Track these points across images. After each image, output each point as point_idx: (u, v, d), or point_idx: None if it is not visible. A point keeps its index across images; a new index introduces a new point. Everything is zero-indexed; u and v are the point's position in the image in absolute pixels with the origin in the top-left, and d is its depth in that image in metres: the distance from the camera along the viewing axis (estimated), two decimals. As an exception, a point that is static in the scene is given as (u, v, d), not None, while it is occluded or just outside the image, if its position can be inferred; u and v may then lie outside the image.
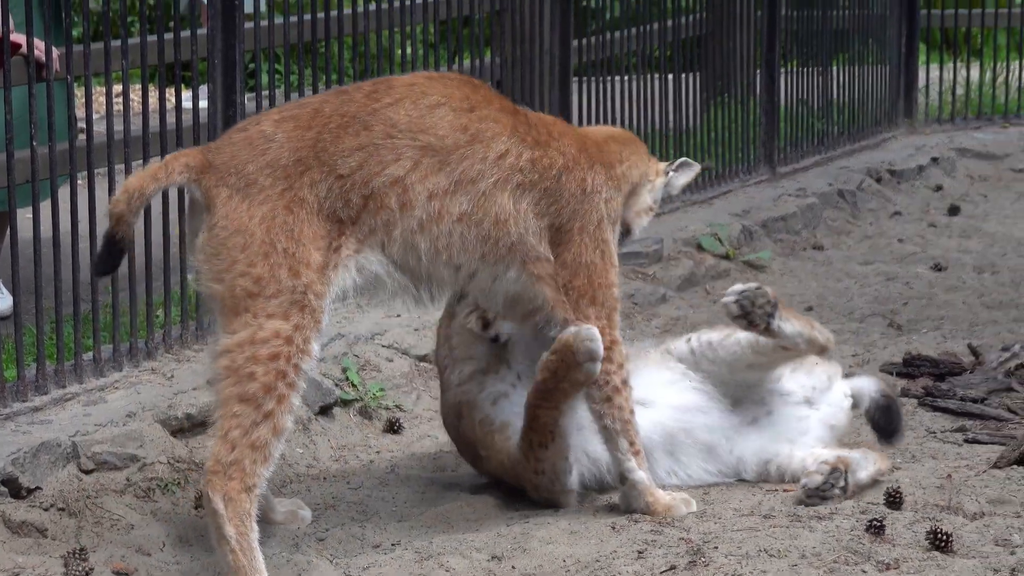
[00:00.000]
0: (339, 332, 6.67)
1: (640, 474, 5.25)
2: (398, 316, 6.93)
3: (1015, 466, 5.72)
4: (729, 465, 5.60)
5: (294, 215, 4.77)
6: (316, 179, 4.80)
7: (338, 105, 4.92)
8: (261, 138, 4.82)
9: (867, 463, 5.47)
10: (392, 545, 5.12)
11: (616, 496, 5.40)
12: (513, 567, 4.85)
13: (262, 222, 4.74)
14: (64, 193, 5.98)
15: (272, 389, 4.68)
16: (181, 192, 5.66)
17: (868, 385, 5.76)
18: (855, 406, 5.73)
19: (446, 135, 4.96)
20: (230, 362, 4.70)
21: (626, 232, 5.44)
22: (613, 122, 9.00)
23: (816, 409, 5.63)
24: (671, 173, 5.54)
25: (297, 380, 4.74)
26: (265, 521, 4.99)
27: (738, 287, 5.39)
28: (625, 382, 5.22)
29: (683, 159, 5.62)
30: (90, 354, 6.07)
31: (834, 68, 11.28)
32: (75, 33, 6.04)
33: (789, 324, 5.41)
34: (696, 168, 5.63)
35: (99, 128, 6.71)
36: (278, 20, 6.99)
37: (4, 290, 6.77)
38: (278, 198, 4.76)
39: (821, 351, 5.58)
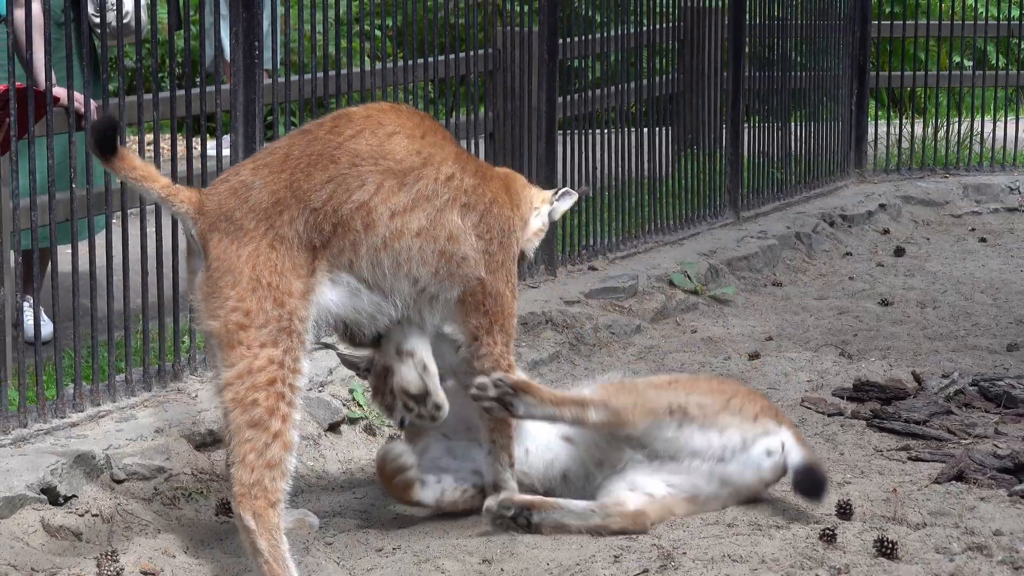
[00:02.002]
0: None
1: (513, 484, 5.29)
2: (399, 343, 6.92)
3: (954, 482, 5.72)
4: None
5: (276, 251, 4.78)
6: (294, 215, 4.81)
7: (305, 146, 4.92)
8: (242, 187, 4.84)
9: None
10: (393, 549, 5.12)
11: None
12: (502, 569, 4.85)
13: (248, 260, 4.76)
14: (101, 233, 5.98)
15: (275, 411, 4.69)
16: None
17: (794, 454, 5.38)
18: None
19: (403, 159, 4.97)
20: (234, 394, 4.71)
21: (522, 258, 5.43)
22: (594, 170, 9.02)
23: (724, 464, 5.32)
24: (555, 202, 5.53)
25: (295, 398, 4.75)
26: None
27: (494, 377, 5.20)
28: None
29: (565, 189, 5.62)
30: (122, 375, 6.07)
31: (792, 123, 11.30)
32: (111, 87, 6.05)
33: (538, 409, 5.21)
34: (575, 196, 5.63)
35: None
36: (293, 77, 7.01)
37: (46, 317, 6.77)
38: (261, 238, 4.78)
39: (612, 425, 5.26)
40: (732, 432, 5.28)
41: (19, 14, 5.77)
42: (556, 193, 5.57)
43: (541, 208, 5.48)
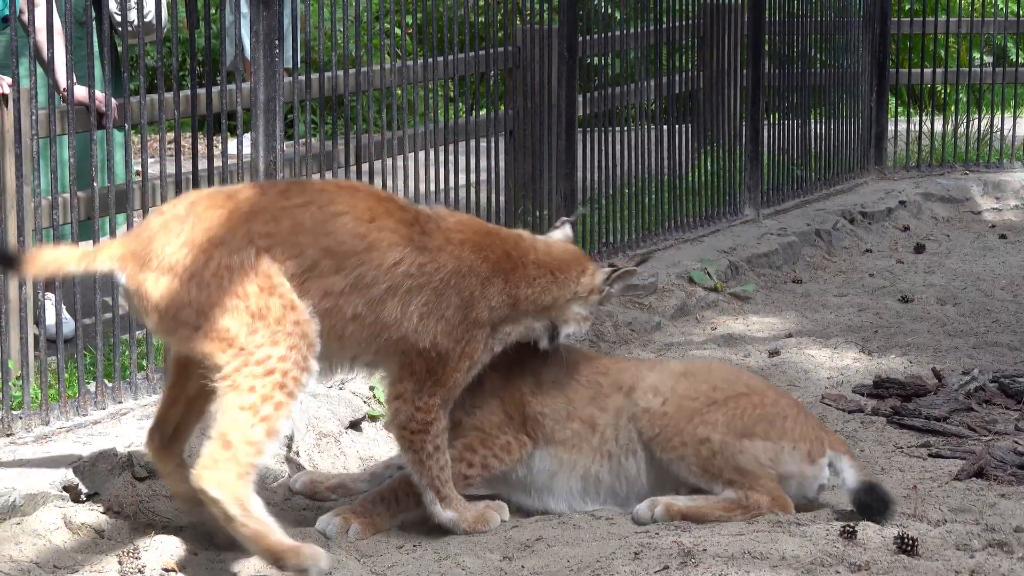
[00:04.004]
0: (367, 355, 6.66)
1: (445, 515, 5.19)
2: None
3: (974, 479, 5.71)
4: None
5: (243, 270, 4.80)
6: (232, 249, 4.81)
7: (251, 195, 4.91)
8: (175, 221, 4.82)
9: None
10: (413, 546, 5.11)
11: (608, 508, 5.39)
12: (522, 566, 4.84)
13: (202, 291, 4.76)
14: (122, 230, 5.99)
15: (270, 399, 4.70)
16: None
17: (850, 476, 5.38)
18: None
19: (344, 241, 4.93)
20: (231, 382, 4.71)
21: (552, 334, 5.30)
22: (613, 168, 9.00)
23: None
24: (606, 290, 5.36)
25: (295, 389, 4.78)
26: None
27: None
28: (438, 448, 5.14)
29: (623, 269, 5.42)
30: (143, 373, 6.08)
31: (812, 120, 11.28)
32: (132, 86, 6.05)
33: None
34: (634, 273, 5.47)
35: (153, 171, 6.72)
36: (314, 75, 7.01)
37: (68, 315, 6.78)
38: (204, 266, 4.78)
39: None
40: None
41: (38, 14, 5.78)
42: (610, 278, 5.37)
43: (589, 298, 5.32)
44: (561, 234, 5.49)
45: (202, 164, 6.41)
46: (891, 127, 12.70)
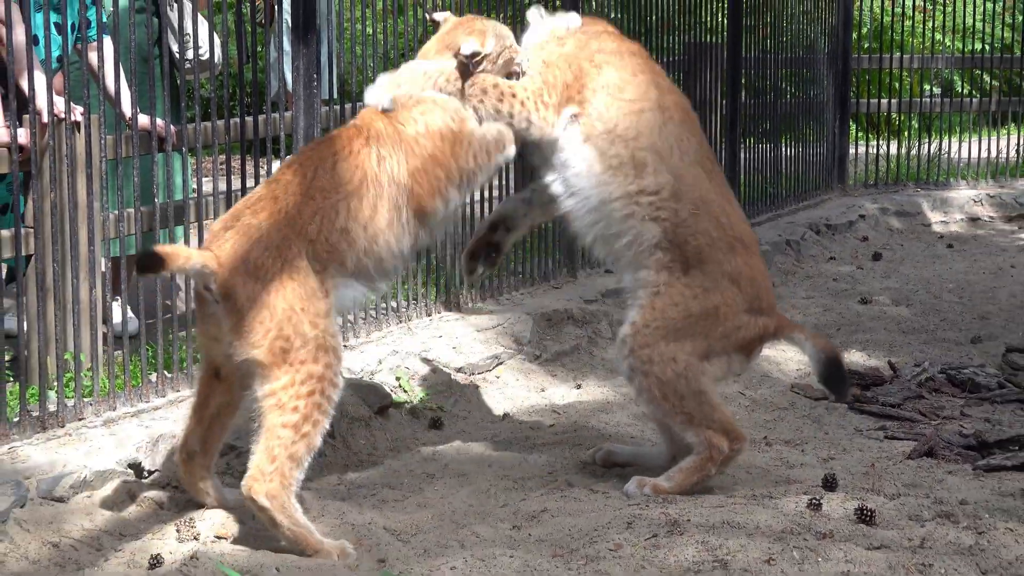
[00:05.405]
0: (393, 349, 6.65)
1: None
2: (440, 336, 6.92)
3: (925, 458, 5.69)
4: None
5: (295, 280, 4.73)
6: (300, 248, 4.76)
7: (284, 187, 4.83)
8: (251, 229, 4.76)
9: None
10: (433, 516, 5.10)
11: (604, 484, 5.37)
12: (529, 534, 4.83)
13: (277, 294, 4.70)
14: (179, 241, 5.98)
15: (309, 418, 4.67)
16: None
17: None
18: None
19: (351, 179, 4.89)
20: (276, 400, 4.66)
21: None
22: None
23: None
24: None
25: (329, 408, 4.73)
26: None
27: None
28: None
29: None
30: (198, 365, 6.06)
31: (783, 144, 11.27)
32: (189, 114, 6.05)
33: None
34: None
35: (207, 189, 6.72)
36: (347, 105, 7.00)
37: (132, 315, 6.78)
38: (280, 272, 4.71)
39: None
40: None
41: (94, 56, 5.77)
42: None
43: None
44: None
45: (250, 183, 6.40)
46: (852, 150, 12.70)
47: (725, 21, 10.46)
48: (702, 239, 5.22)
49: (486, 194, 7.79)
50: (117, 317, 6.31)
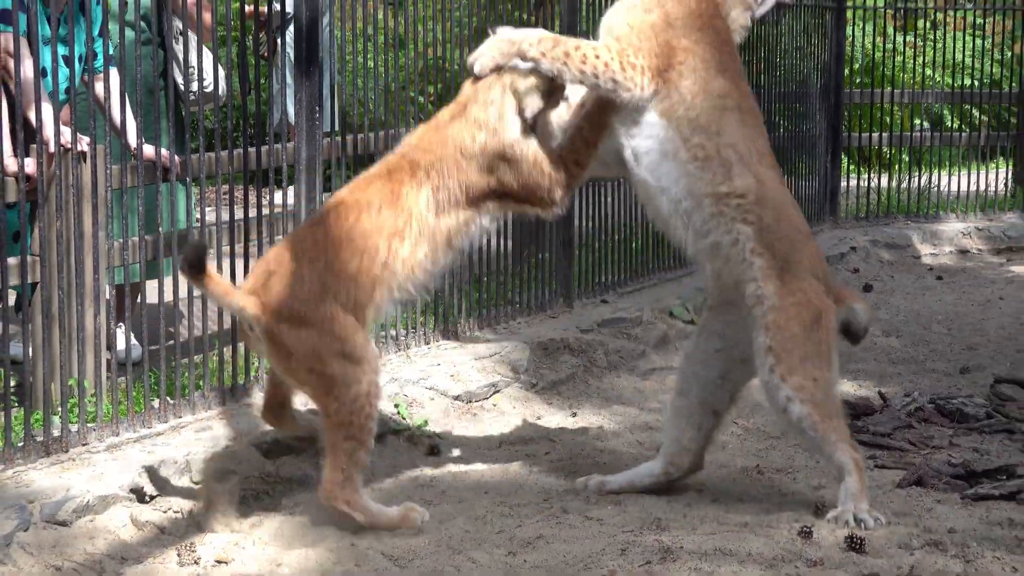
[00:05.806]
0: (392, 377, 6.68)
1: None
2: (438, 365, 6.95)
3: (914, 487, 5.71)
4: None
5: (338, 320, 5.01)
6: (340, 288, 5.04)
7: (324, 233, 5.07)
8: (293, 278, 5.03)
9: None
10: (430, 541, 5.12)
11: (599, 511, 5.40)
12: (525, 560, 4.85)
13: (322, 337, 4.98)
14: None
15: (364, 428, 5.03)
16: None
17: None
18: None
19: (392, 220, 5.10)
20: (338, 419, 5.00)
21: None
22: (604, 217, 9.01)
23: None
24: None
25: (375, 415, 5.09)
26: None
27: None
28: None
29: None
30: (200, 392, 6.09)
31: (776, 177, 11.30)
32: (193, 145, 6.09)
33: None
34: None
35: (210, 218, 6.75)
36: (348, 137, 7.05)
37: (135, 342, 6.81)
38: (324, 315, 5.00)
39: None
40: None
41: (100, 88, 5.81)
42: None
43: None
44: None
45: (252, 212, 6.44)
46: (844, 183, 12.74)
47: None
48: (786, 244, 5.23)
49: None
50: (121, 344, 6.34)
